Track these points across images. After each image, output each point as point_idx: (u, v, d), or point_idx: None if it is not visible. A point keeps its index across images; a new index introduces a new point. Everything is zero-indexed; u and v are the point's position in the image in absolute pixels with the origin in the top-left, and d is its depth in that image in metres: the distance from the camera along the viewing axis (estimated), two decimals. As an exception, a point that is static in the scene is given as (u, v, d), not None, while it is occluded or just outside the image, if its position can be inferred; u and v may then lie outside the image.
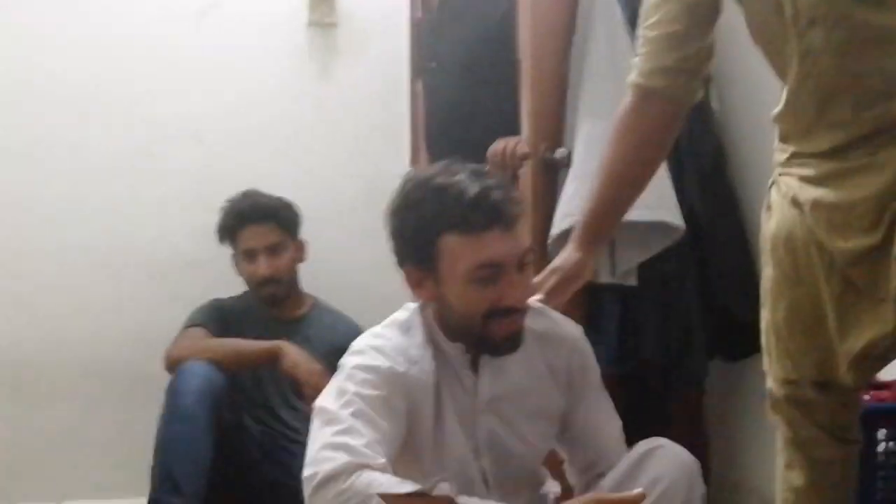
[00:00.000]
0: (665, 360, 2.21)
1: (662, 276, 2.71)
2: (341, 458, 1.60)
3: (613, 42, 2.78)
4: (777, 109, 1.90)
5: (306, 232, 3.15)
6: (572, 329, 1.95)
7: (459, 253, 1.72)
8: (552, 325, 1.91)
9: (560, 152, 2.75)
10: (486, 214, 1.70)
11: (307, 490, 1.63)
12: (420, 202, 1.75)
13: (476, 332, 1.78)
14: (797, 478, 2.06)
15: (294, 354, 2.75)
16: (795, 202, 1.94)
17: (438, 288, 1.78)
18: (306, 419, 2.75)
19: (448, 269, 1.74)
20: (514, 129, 2.84)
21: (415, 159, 3.47)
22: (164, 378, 2.76)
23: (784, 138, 1.94)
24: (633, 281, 2.71)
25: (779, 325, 2.02)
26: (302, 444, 2.69)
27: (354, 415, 1.68)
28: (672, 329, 2.68)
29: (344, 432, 1.65)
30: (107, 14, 3.42)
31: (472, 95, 3.04)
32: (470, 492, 1.76)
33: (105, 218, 3.38)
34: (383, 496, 1.56)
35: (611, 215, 2.08)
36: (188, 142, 3.43)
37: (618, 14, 2.79)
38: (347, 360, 1.80)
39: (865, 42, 1.70)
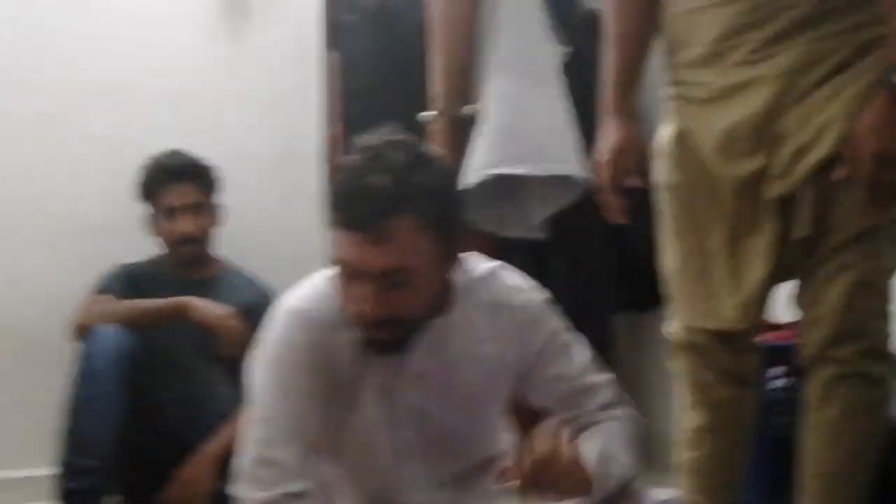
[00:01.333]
0: (574, 312, 2.22)
1: (571, 229, 2.74)
2: (268, 488, 1.66)
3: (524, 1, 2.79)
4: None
5: (221, 195, 3.12)
6: (525, 297, 1.85)
7: (334, 239, 1.65)
8: (504, 293, 1.82)
9: (470, 110, 2.76)
10: (352, 215, 1.59)
11: None
12: (333, 182, 1.70)
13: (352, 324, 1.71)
14: (696, 418, 2.12)
15: (201, 305, 2.75)
16: (683, 139, 1.99)
17: None
18: (224, 372, 2.80)
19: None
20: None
21: (330, 121, 3.45)
22: (75, 346, 2.73)
23: (670, 50, 2.00)
24: (542, 234, 2.74)
25: (673, 273, 2.06)
26: (219, 399, 2.74)
27: (279, 418, 1.70)
28: (581, 281, 2.71)
29: (270, 443, 1.69)
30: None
31: (393, 47, 3.03)
32: (375, 462, 1.79)
33: (17, 182, 3.31)
34: None
35: (633, 79, 2.12)
36: (101, 107, 3.35)
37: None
38: (274, 332, 1.77)
39: None
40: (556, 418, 1.84)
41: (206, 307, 2.76)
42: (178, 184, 2.98)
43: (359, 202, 1.58)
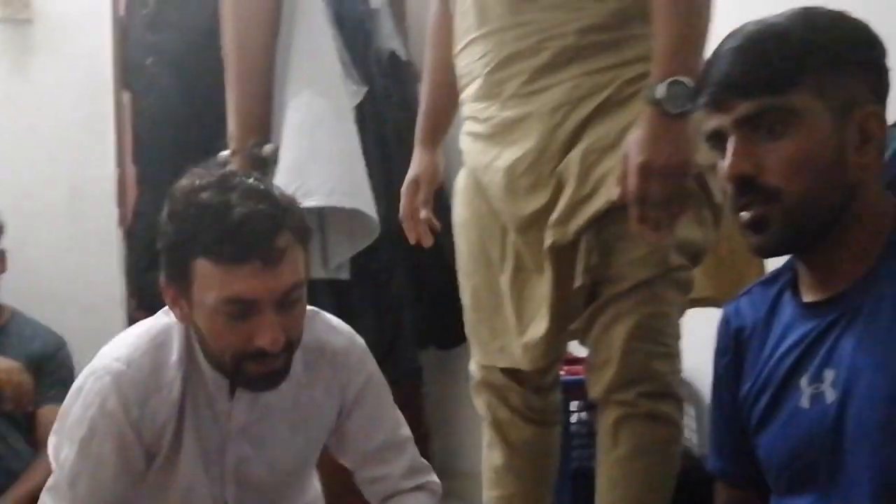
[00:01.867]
0: (381, 351, 2.22)
1: (374, 268, 2.72)
2: None
3: (318, 37, 2.77)
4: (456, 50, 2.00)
5: (6, 239, 2.94)
6: (343, 341, 1.80)
7: (210, 282, 1.53)
8: (323, 337, 1.77)
9: (268, 148, 2.71)
10: (242, 245, 1.50)
11: None
12: (182, 217, 1.55)
13: (228, 369, 1.61)
14: (496, 458, 2.12)
15: None
16: (474, 177, 2.01)
17: (191, 312, 1.60)
18: (14, 427, 2.64)
19: (198, 296, 1.56)
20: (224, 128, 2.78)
21: (120, 163, 3.33)
22: None
23: (461, 85, 2.02)
24: (345, 274, 2.71)
25: (468, 311, 2.08)
26: (9, 456, 2.58)
27: (77, 488, 1.62)
28: (385, 320, 2.70)
29: None
30: None
31: (185, 91, 2.96)
32: None
33: None
34: None
35: (443, 111, 2.19)
36: None
37: (321, 8, 2.78)
38: (85, 395, 1.65)
39: None
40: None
41: None
42: (-44, 234, 2.80)
43: (245, 232, 1.50)
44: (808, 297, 1.33)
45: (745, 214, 1.29)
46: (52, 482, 1.65)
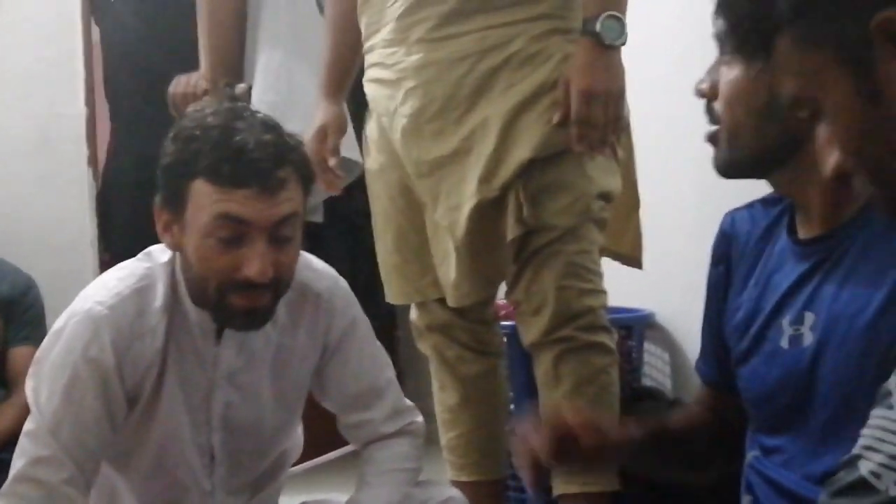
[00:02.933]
0: (356, 293, 2.20)
1: (348, 210, 2.70)
2: None
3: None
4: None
5: (-27, 179, 2.92)
6: (327, 283, 1.79)
7: (205, 201, 1.53)
8: (306, 279, 1.74)
9: (240, 88, 2.67)
10: (242, 168, 1.51)
11: None
12: (186, 137, 1.56)
13: (211, 301, 1.60)
14: (450, 398, 2.19)
15: None
16: (380, 123, 2.08)
17: (182, 237, 1.59)
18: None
19: (192, 218, 1.55)
20: (195, 63, 2.73)
21: (90, 99, 3.27)
22: None
23: (366, 34, 2.08)
24: (319, 217, 2.69)
25: (390, 254, 2.15)
26: None
27: (59, 434, 1.58)
28: (359, 263, 2.68)
29: (45, 461, 1.58)
30: None
31: (153, 26, 2.91)
32: (173, 472, 1.72)
33: None
34: None
35: (346, 62, 2.23)
36: None
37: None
38: (65, 339, 1.62)
39: None
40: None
41: None
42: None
43: (247, 157, 1.51)
44: (800, 233, 1.34)
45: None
46: (31, 427, 1.62)
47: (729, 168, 1.35)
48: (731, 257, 1.45)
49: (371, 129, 2.14)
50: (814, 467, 1.25)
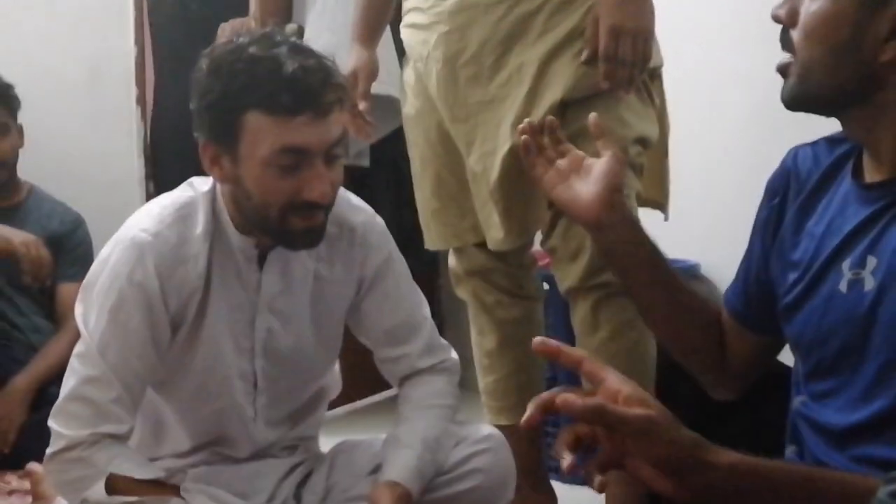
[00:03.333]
0: (401, 241, 2.21)
1: (395, 156, 2.70)
2: (85, 427, 1.61)
3: None
4: None
5: (26, 116, 2.92)
6: (364, 217, 1.83)
7: (263, 134, 1.56)
8: (343, 213, 1.78)
9: (290, 28, 2.67)
10: (298, 96, 1.54)
11: (51, 446, 1.65)
12: (230, 71, 1.56)
13: (272, 224, 1.63)
14: (489, 342, 2.21)
15: (4, 231, 2.57)
16: (416, 68, 2.08)
17: (236, 169, 1.61)
18: (34, 301, 2.67)
19: (248, 150, 1.58)
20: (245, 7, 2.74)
21: (139, 39, 3.29)
22: None
23: None
24: (365, 161, 2.70)
25: (429, 199, 2.15)
26: (30, 330, 2.61)
27: (107, 355, 1.63)
28: (405, 209, 2.68)
29: (94, 381, 1.64)
30: None
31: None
32: (225, 394, 1.75)
33: None
34: (117, 478, 1.59)
35: (380, 7, 2.24)
36: None
37: None
38: (113, 264, 1.66)
39: None
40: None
41: (7, 233, 2.58)
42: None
43: (299, 84, 1.54)
44: (867, 177, 1.31)
45: (780, 59, 1.32)
46: (81, 349, 1.67)
47: (797, 102, 1.31)
48: (788, 193, 1.42)
49: (408, 74, 2.15)
50: (866, 410, 1.23)
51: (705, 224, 2.72)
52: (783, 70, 1.30)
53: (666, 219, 2.20)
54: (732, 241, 1.58)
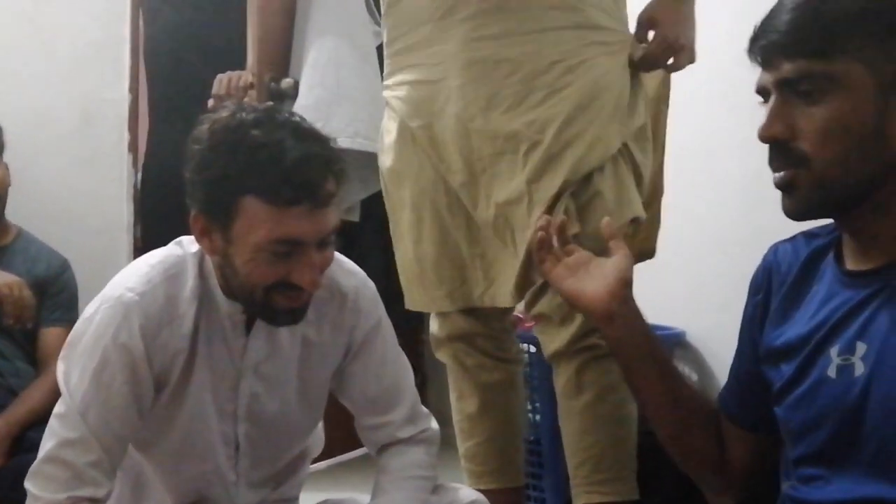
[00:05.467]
0: (384, 297, 2.21)
1: (383, 212, 2.70)
2: (62, 490, 1.58)
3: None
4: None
5: (17, 158, 2.92)
6: (355, 282, 1.81)
7: (259, 221, 1.53)
8: (335, 277, 1.76)
9: (286, 82, 2.69)
10: (297, 188, 1.51)
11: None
12: (231, 150, 1.54)
13: (256, 301, 1.61)
14: (469, 405, 2.18)
15: None
16: (407, 127, 2.04)
17: (226, 246, 1.58)
18: (16, 345, 2.65)
19: (241, 232, 1.55)
20: (240, 59, 2.75)
21: (133, 85, 3.30)
22: None
23: (391, 40, 2.07)
24: (355, 216, 2.70)
25: (417, 262, 2.11)
26: (5, 372, 2.59)
27: (88, 417, 1.60)
28: (392, 265, 2.67)
29: (73, 444, 1.60)
30: None
31: (200, 20, 2.93)
32: (207, 457, 1.73)
33: None
34: None
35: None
36: None
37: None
38: (97, 324, 1.64)
39: None
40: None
41: None
42: (-31, 143, 2.78)
43: (301, 175, 1.52)
44: (850, 265, 1.32)
45: (776, 176, 1.30)
46: (61, 409, 1.64)
47: (813, 210, 1.30)
48: (771, 287, 1.43)
49: (391, 134, 2.09)
50: (860, 497, 1.23)
51: (691, 292, 2.73)
52: (788, 183, 1.29)
53: (652, 257, 2.22)
54: (718, 309, 1.59)
